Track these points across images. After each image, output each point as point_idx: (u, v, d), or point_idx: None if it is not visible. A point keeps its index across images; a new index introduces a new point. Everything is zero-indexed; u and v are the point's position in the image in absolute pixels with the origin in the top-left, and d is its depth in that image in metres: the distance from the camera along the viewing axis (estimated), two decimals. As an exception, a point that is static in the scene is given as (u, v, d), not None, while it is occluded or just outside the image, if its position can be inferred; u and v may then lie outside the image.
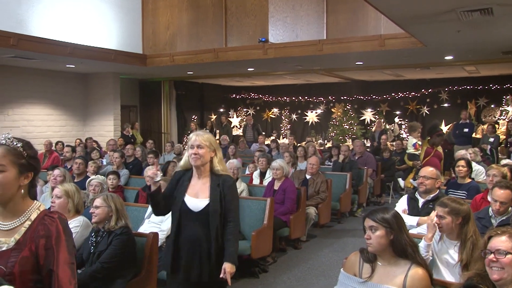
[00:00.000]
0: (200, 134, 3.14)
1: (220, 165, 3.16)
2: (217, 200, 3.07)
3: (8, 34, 8.37)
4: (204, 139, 3.10)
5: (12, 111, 11.48)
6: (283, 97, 17.80)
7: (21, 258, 1.82)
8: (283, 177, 6.31)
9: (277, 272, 5.55)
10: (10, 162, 1.86)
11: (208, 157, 3.12)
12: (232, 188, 3.14)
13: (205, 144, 3.08)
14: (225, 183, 3.12)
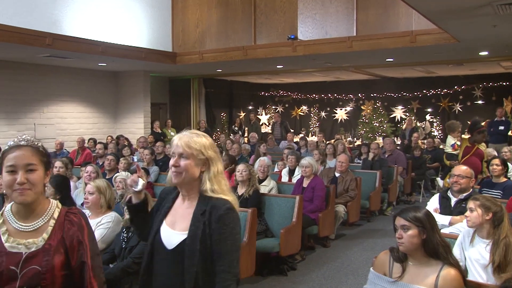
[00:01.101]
0: (184, 137, 2.11)
1: (213, 184, 2.10)
2: (196, 235, 2.04)
3: (44, 34, 8.60)
4: (189, 144, 2.08)
5: (47, 108, 11.80)
6: (312, 95, 17.71)
7: (54, 255, 1.87)
8: (312, 175, 6.29)
9: (306, 270, 5.54)
10: (39, 160, 1.91)
11: (195, 171, 2.09)
12: (224, 220, 2.03)
13: (190, 153, 2.07)
14: (213, 211, 2.04)
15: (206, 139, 2.14)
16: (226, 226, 2.03)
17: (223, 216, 2.04)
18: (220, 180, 2.13)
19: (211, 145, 2.14)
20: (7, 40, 8.10)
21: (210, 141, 2.15)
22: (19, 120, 11.22)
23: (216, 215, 2.04)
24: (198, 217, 2.07)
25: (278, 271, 5.36)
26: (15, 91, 11.03)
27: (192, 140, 2.10)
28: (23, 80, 11.17)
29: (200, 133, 2.15)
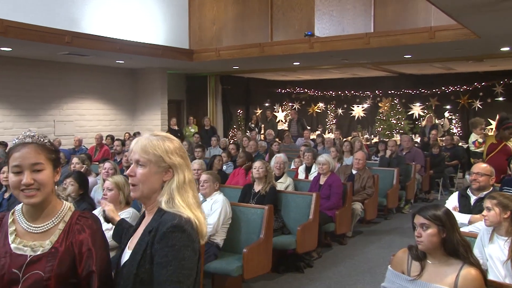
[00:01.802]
0: (142, 140, 1.75)
1: (174, 195, 1.70)
2: (136, 257, 1.68)
3: (63, 32, 8.71)
4: (146, 149, 1.72)
5: (66, 105, 11.95)
6: (329, 91, 17.61)
7: (59, 261, 1.73)
8: (329, 172, 6.26)
9: (322, 267, 5.52)
10: (46, 158, 1.79)
11: (154, 182, 1.72)
12: (168, 241, 1.60)
13: (148, 160, 1.71)
14: (159, 228, 1.64)
15: (170, 142, 1.75)
16: (170, 248, 1.59)
17: (166, 235, 1.60)
18: (184, 192, 1.72)
19: (176, 150, 1.74)
20: (27, 38, 8.22)
21: (176, 145, 1.76)
22: (39, 117, 11.39)
23: (159, 233, 1.62)
24: (146, 235, 1.69)
25: (294, 268, 5.36)
26: (35, 89, 11.20)
27: (151, 144, 1.72)
28: (43, 78, 11.33)
29: (163, 135, 1.79)
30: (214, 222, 4.49)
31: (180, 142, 1.81)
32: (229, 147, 9.22)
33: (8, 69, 10.61)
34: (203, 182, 4.74)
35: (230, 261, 4.45)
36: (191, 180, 1.76)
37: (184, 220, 1.64)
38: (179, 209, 1.67)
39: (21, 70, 10.84)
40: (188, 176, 1.75)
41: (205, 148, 8.96)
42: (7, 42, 8.53)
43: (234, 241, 4.74)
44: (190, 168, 1.78)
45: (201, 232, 1.69)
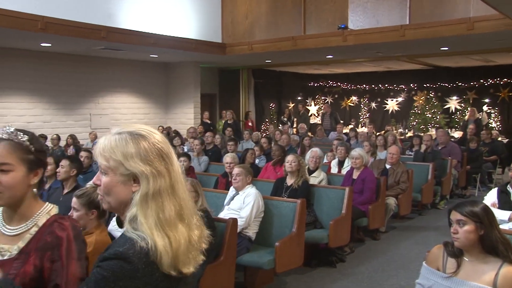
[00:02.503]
0: (102, 140, 1.40)
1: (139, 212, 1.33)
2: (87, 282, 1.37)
3: (99, 27, 8.90)
4: (103, 153, 1.38)
5: (102, 99, 12.22)
6: (362, 85, 17.38)
7: (23, 270, 1.57)
8: (362, 166, 6.19)
9: (355, 262, 5.48)
10: (18, 159, 1.59)
11: (120, 193, 1.37)
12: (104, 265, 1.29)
13: (107, 166, 1.37)
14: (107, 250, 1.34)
15: (133, 143, 1.35)
16: (100, 270, 1.28)
17: (104, 258, 1.30)
18: (149, 207, 1.32)
19: (139, 153, 1.34)
20: (66, 33, 8.44)
21: (143, 146, 1.35)
22: (76, 111, 11.70)
23: (100, 256, 1.32)
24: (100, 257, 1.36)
25: (326, 263, 5.34)
26: (73, 83, 11.50)
27: (109, 147, 1.36)
28: (79, 72, 11.62)
29: (131, 131, 1.39)
30: (247, 215, 4.52)
31: (157, 140, 1.39)
32: (261, 140, 9.23)
33: (47, 64, 10.93)
34: (236, 175, 4.77)
35: (262, 254, 4.47)
36: (161, 192, 1.34)
37: (135, 249, 1.28)
38: (141, 232, 1.30)
39: (59, 65, 11.14)
40: (160, 185, 1.34)
41: (237, 141, 8.99)
42: (47, 38, 8.79)
43: (266, 234, 4.76)
44: (170, 173, 1.37)
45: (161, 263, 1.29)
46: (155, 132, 1.41)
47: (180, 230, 1.34)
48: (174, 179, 1.38)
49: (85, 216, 3.04)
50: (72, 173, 4.67)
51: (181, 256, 1.31)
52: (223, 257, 3.90)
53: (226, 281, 3.98)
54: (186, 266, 1.34)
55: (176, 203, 1.36)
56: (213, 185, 6.33)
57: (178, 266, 1.31)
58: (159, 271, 1.29)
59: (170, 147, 1.43)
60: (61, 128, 11.07)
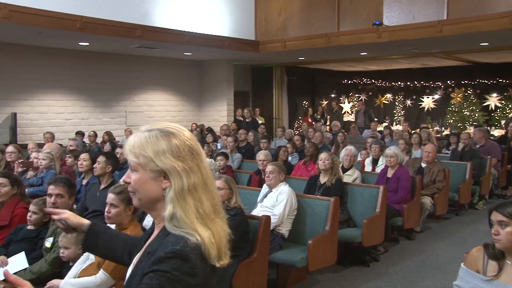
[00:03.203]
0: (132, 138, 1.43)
1: (176, 208, 1.35)
2: (133, 281, 1.40)
3: (134, 26, 9.05)
4: (133, 150, 1.40)
5: (137, 97, 12.44)
6: (397, 82, 17.07)
7: None
8: (397, 165, 6.08)
9: (389, 262, 5.39)
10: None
11: (150, 189, 1.40)
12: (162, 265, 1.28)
13: (138, 163, 1.39)
14: (159, 250, 1.33)
15: (164, 140, 1.37)
16: (161, 274, 1.27)
17: (160, 260, 1.29)
18: (187, 202, 1.34)
19: (171, 149, 1.36)
20: (103, 33, 8.63)
21: (174, 142, 1.38)
22: (112, 108, 11.95)
23: (155, 256, 1.31)
24: (145, 255, 1.40)
25: (360, 262, 5.27)
26: (109, 81, 11.75)
27: (139, 144, 1.38)
28: (115, 71, 11.86)
29: (161, 128, 1.41)
30: (280, 213, 4.51)
31: (187, 137, 1.41)
32: (294, 138, 9.19)
33: (85, 63, 11.21)
34: (269, 173, 4.76)
35: (295, 252, 4.45)
36: (196, 186, 1.36)
37: (190, 246, 1.30)
38: (185, 228, 1.32)
39: (96, 63, 11.41)
40: (193, 180, 1.36)
41: (270, 139, 8.99)
42: (85, 37, 9.01)
43: (299, 232, 4.74)
44: (201, 169, 1.39)
45: (209, 256, 1.32)
46: (184, 129, 1.44)
47: (218, 223, 1.38)
48: (206, 175, 1.40)
49: (123, 212, 3.09)
50: (108, 169, 4.76)
51: (223, 248, 1.36)
52: (256, 254, 3.90)
53: (259, 278, 3.99)
54: (226, 258, 1.39)
55: (211, 197, 1.39)
56: (246, 182, 6.34)
57: (222, 258, 1.36)
58: (208, 264, 1.33)
59: (199, 145, 1.45)
60: (98, 125, 11.34)
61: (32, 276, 3.29)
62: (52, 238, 3.44)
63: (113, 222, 3.13)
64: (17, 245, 3.55)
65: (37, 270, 3.32)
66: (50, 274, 3.31)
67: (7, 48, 9.95)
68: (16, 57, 10.16)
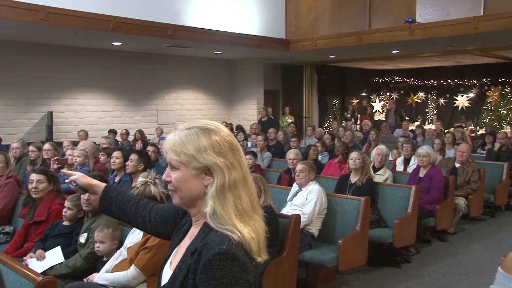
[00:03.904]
0: (172, 136, 1.43)
1: (216, 205, 1.36)
2: (176, 283, 1.38)
3: (166, 25, 9.18)
4: (174, 148, 1.41)
5: (168, 95, 12.61)
6: (430, 80, 16.75)
7: None
8: (429, 165, 5.96)
9: (421, 263, 5.29)
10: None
11: (192, 187, 1.40)
12: (213, 271, 1.28)
13: (179, 161, 1.40)
14: (203, 252, 1.32)
15: (204, 137, 1.38)
16: (216, 282, 1.26)
17: (212, 264, 1.28)
18: (227, 199, 1.35)
19: (212, 145, 1.38)
20: (135, 32, 8.78)
21: (214, 139, 1.39)
22: (144, 107, 12.14)
23: (203, 260, 1.30)
24: (188, 256, 1.38)
25: (391, 263, 5.20)
26: (140, 80, 11.95)
27: (179, 142, 1.39)
28: (147, 70, 12.04)
29: (200, 126, 1.42)
30: (309, 212, 4.49)
31: (226, 134, 1.42)
32: (324, 137, 9.13)
33: (117, 62, 11.43)
34: (299, 172, 4.74)
35: (325, 251, 4.42)
36: (236, 183, 1.37)
37: (235, 243, 1.30)
38: (227, 225, 1.33)
39: (128, 63, 11.61)
40: (234, 176, 1.37)
41: (300, 137, 8.95)
42: (118, 37, 9.19)
43: (329, 231, 4.71)
44: (241, 165, 1.41)
45: (251, 250, 1.33)
46: (222, 126, 1.45)
47: (256, 219, 1.38)
48: (245, 171, 1.41)
49: None
50: (140, 167, 4.84)
51: (261, 244, 1.36)
52: (286, 253, 3.89)
53: (289, 277, 3.98)
54: (264, 253, 1.38)
55: (250, 193, 1.40)
56: (276, 181, 6.34)
57: (261, 253, 1.36)
58: (253, 258, 1.34)
59: (237, 141, 1.46)
60: (130, 123, 11.54)
61: (68, 270, 3.38)
62: (86, 234, 3.53)
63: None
64: (54, 240, 3.66)
65: (72, 264, 3.41)
66: (85, 268, 3.39)
67: (44, 48, 10.24)
68: (52, 58, 10.45)
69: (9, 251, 3.90)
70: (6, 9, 7.25)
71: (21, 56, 9.97)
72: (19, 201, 4.65)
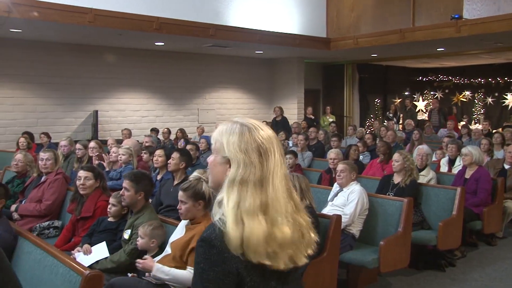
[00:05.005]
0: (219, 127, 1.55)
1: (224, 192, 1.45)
2: None
3: (208, 25, 9.28)
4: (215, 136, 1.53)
5: (209, 95, 12.75)
6: (477, 79, 16.19)
7: None
8: (475, 165, 5.77)
9: (467, 268, 5.12)
10: None
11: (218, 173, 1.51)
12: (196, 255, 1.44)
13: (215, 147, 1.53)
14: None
15: (237, 132, 1.47)
16: (196, 266, 1.42)
17: (195, 249, 1.45)
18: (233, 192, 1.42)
19: (240, 142, 1.45)
20: (178, 32, 8.93)
21: (245, 137, 1.46)
22: (185, 106, 12.33)
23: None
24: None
25: (434, 266, 5.06)
26: (182, 79, 12.13)
27: (220, 132, 1.51)
28: (188, 69, 12.22)
29: (241, 123, 1.50)
30: (351, 212, 4.43)
31: (260, 136, 1.47)
32: (365, 137, 9.00)
33: (160, 62, 11.65)
34: (340, 172, 4.69)
35: (366, 252, 4.36)
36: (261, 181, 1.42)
37: (216, 233, 1.39)
38: (222, 216, 1.41)
39: (170, 62, 11.82)
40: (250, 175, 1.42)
41: (341, 137, 8.86)
42: (161, 37, 9.37)
43: (371, 232, 4.64)
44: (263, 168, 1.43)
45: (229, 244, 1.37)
46: (263, 128, 1.50)
47: (257, 221, 1.39)
48: (265, 175, 1.43)
49: (193, 207, 3.18)
50: (181, 165, 4.91)
51: (252, 246, 1.37)
52: (326, 254, 3.86)
53: (329, 277, 3.94)
54: (266, 259, 1.38)
55: (262, 197, 1.41)
56: (317, 181, 6.29)
57: (248, 254, 1.37)
58: (237, 256, 1.38)
59: (274, 146, 1.48)
60: (171, 122, 11.74)
61: (113, 265, 3.48)
62: (130, 230, 3.61)
63: (186, 217, 3.23)
64: (99, 236, 3.77)
65: (116, 259, 3.50)
66: (128, 264, 3.47)
67: (90, 49, 10.57)
68: (97, 58, 10.77)
69: (58, 245, 4.05)
70: (55, 13, 7.52)
71: (69, 57, 10.32)
72: (67, 197, 4.82)
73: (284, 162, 1.49)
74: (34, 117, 10.03)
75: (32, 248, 3.07)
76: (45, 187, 4.79)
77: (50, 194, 4.74)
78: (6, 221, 3.45)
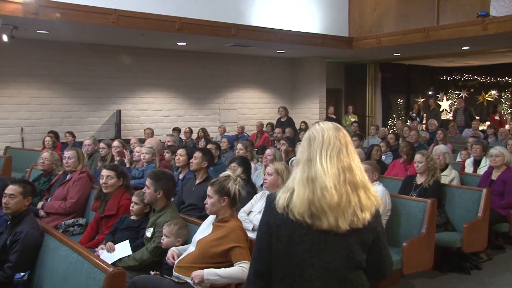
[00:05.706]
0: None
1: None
2: None
3: (229, 25, 9.30)
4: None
5: (230, 94, 12.78)
6: (504, 78, 15.86)
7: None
8: (503, 166, 5.64)
9: (493, 271, 5.02)
10: None
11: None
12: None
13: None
14: None
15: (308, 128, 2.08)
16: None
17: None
18: (295, 169, 1.96)
19: (309, 134, 1.94)
20: (200, 32, 8.97)
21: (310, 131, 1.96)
22: (207, 105, 12.38)
23: None
24: None
25: (459, 269, 4.98)
26: (204, 79, 12.19)
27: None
28: (210, 69, 12.27)
29: (313, 124, 2.03)
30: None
31: (315, 129, 1.90)
32: (388, 136, 8.89)
33: (181, 62, 11.73)
34: (362, 171, 4.64)
35: (389, 254, 4.30)
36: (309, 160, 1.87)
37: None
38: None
39: (192, 62, 11.89)
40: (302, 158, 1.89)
41: (362, 137, 8.78)
42: (183, 37, 9.43)
43: (393, 233, 4.58)
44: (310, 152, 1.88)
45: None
46: (323, 127, 1.89)
47: (302, 188, 1.81)
48: (312, 156, 1.86)
49: (218, 202, 3.21)
50: (203, 165, 4.93)
51: (297, 205, 1.80)
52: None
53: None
54: (308, 218, 1.79)
55: (310, 172, 1.83)
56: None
57: (293, 211, 1.81)
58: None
59: (325, 138, 1.86)
60: (193, 121, 11.81)
61: (135, 262, 3.51)
62: (152, 228, 3.64)
63: (210, 212, 3.26)
64: (122, 233, 3.82)
65: (139, 257, 3.54)
66: (151, 262, 3.51)
67: (113, 49, 10.71)
68: (120, 58, 10.91)
69: (83, 242, 4.11)
70: (80, 14, 7.64)
71: (93, 58, 10.48)
72: (91, 195, 4.89)
73: (335, 145, 1.84)
74: (60, 116, 10.22)
75: (58, 245, 3.13)
76: (70, 185, 4.87)
77: (74, 192, 4.82)
78: (33, 218, 3.52)
